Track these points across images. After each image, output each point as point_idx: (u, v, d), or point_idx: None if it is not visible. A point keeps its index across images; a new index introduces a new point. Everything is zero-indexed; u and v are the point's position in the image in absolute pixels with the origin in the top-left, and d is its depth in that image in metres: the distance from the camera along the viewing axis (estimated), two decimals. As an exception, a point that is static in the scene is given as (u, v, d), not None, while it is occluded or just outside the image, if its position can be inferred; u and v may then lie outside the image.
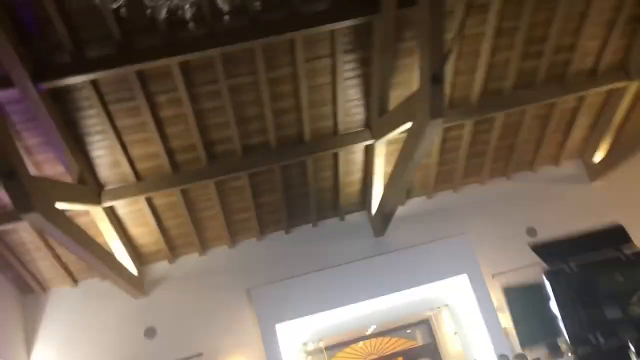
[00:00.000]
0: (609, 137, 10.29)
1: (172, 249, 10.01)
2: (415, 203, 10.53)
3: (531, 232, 10.62)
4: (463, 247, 9.67)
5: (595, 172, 10.81)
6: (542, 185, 10.87)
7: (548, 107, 9.61)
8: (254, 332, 9.67)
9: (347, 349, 11.04)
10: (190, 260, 10.22)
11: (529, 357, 8.20)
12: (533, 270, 10.01)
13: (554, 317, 4.65)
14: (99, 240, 8.57)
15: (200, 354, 9.56)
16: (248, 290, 9.81)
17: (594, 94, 9.57)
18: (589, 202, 10.70)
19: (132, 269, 9.56)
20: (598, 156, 10.64)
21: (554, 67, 8.93)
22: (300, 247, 10.25)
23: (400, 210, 9.72)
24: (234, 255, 10.27)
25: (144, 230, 9.44)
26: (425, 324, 10.99)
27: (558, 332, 4.70)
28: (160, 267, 10.16)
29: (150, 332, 9.84)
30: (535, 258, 10.24)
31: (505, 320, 9.65)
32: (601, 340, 4.87)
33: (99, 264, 8.05)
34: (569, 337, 4.29)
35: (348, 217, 10.46)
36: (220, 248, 10.28)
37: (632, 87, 9.41)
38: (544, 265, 9.90)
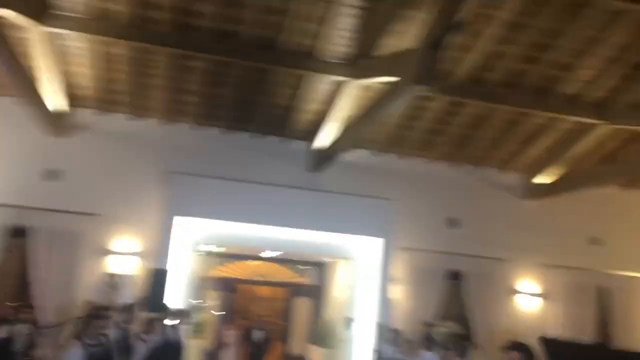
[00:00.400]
0: (559, 166, 10.44)
1: (104, 102, 9.39)
2: (359, 154, 10.36)
3: (452, 222, 10.80)
4: (387, 212, 9.65)
5: (532, 192, 11.02)
6: (479, 184, 10.99)
7: (520, 115, 9.54)
8: (155, 215, 9.35)
9: (239, 263, 11.01)
10: (116, 119, 9.65)
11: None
12: (438, 258, 10.32)
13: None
14: (26, 63, 7.81)
15: (98, 214, 9.17)
16: (164, 172, 9.40)
17: (564, 120, 9.56)
18: (516, 216, 10.97)
19: (53, 105, 8.88)
20: (540, 179, 10.82)
21: (543, 79, 8.77)
22: (232, 152, 9.90)
23: (342, 156, 9.50)
24: (164, 133, 9.78)
25: (80, 71, 8.73)
26: (320, 267, 11.08)
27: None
28: (85, 114, 9.53)
29: (52, 175, 9.30)
30: (444, 248, 10.55)
31: (396, 293, 9.88)
32: None
33: (20, 86, 7.34)
34: None
35: (290, 142, 10.16)
36: (152, 120, 9.75)
37: (600, 129, 9.47)
38: (447, 260, 10.22)
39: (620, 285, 11.04)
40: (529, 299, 10.81)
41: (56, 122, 9.15)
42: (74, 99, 9.24)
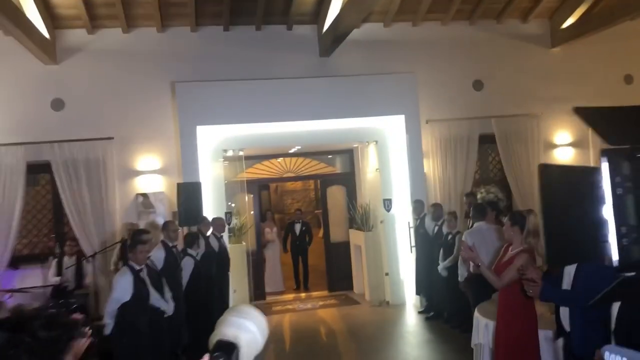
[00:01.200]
0: (584, 4, 9.67)
1: (93, 18, 8.82)
2: (370, 29, 9.74)
3: (477, 85, 10.31)
4: (407, 86, 9.19)
5: (559, 38, 10.37)
6: (503, 39, 10.35)
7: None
8: (171, 128, 9.10)
9: (266, 162, 10.82)
10: (112, 35, 9.11)
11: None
12: (468, 124, 9.96)
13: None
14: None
15: (110, 138, 8.95)
16: (172, 82, 9.00)
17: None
18: (543, 67, 10.41)
19: (43, 30, 8.37)
20: (567, 22, 10.11)
21: None
22: (237, 49, 9.36)
23: (353, 34, 8.90)
24: (163, 40, 9.25)
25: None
26: (348, 154, 10.84)
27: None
28: (77, 35, 9.02)
29: (58, 104, 9.00)
30: (473, 113, 10.16)
31: (430, 167, 9.67)
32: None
33: (8, 17, 6.82)
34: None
35: (296, 27, 9.55)
36: (148, 30, 9.19)
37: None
38: (478, 124, 9.84)
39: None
40: (567, 151, 10.52)
41: (51, 49, 8.69)
42: (62, 19, 8.70)
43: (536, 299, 3.81)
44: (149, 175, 9.15)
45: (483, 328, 4.85)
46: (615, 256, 1.67)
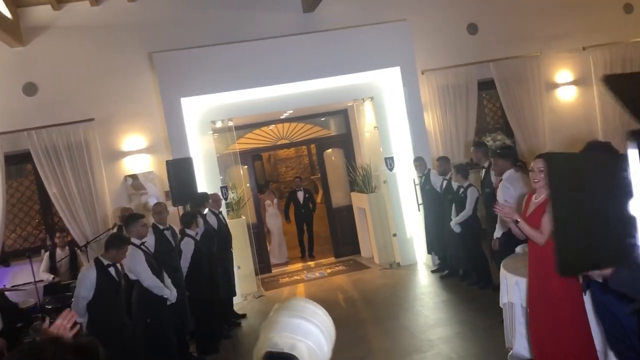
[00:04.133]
0: None
1: (57, -8, 8.17)
2: (355, -23, 9.13)
3: (472, 28, 9.79)
4: (401, 35, 8.63)
5: (554, -29, 9.79)
6: (493, -21, 9.77)
7: None
8: (154, 103, 8.56)
9: (258, 131, 10.32)
10: (80, 9, 8.50)
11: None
12: (466, 71, 9.47)
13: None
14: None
15: (91, 119, 8.42)
16: (150, 54, 8.43)
17: None
18: (538, 2, 9.87)
19: (4, 10, 7.75)
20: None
21: None
22: (215, 12, 8.77)
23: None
24: (135, 10, 8.63)
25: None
26: (343, 114, 10.35)
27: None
28: (42, 12, 8.40)
29: (30, 89, 8.44)
30: (470, 59, 9.64)
31: (429, 120, 9.21)
32: None
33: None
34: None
35: (276, -17, 8.94)
36: (118, 0, 8.55)
37: None
38: (476, 70, 9.33)
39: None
40: (569, 90, 10.07)
41: (15, 30, 8.08)
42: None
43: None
44: (136, 155, 8.67)
45: (513, 286, 4.47)
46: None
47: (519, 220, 3.70)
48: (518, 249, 5.17)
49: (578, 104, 10.11)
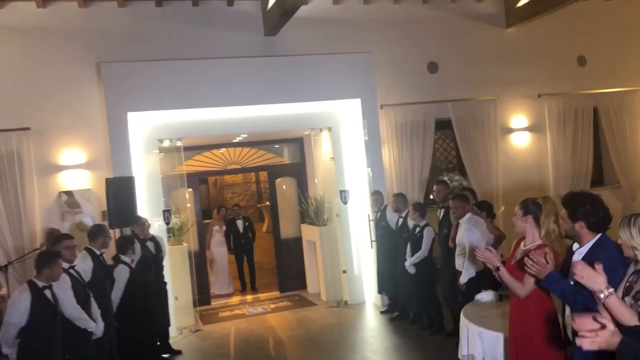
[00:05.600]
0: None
1: (0, -11, 7.58)
2: (319, 5, 8.97)
3: (432, 67, 9.74)
4: (363, 67, 8.45)
5: (514, 17, 9.94)
6: (457, 19, 9.81)
7: None
8: (98, 116, 7.99)
9: (207, 153, 9.85)
10: (24, 9, 7.92)
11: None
12: (424, 109, 9.37)
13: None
14: None
15: (26, 129, 7.76)
16: (98, 64, 7.90)
17: None
18: (499, 48, 10.00)
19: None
20: (522, 0, 9.67)
21: None
22: (172, 26, 8.36)
23: (301, 11, 8.04)
24: (86, 17, 8.11)
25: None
26: (298, 143, 10.02)
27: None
28: (-19, 10, 7.73)
29: (-40, 91, 7.71)
30: (428, 97, 9.57)
31: (385, 155, 9.00)
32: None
33: None
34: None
35: (237, 3, 8.63)
36: (67, 4, 8.02)
37: None
38: (434, 109, 9.28)
39: (611, 103, 10.42)
40: (523, 135, 10.13)
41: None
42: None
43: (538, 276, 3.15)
44: (74, 170, 8.03)
45: (475, 337, 4.18)
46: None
47: (499, 267, 3.42)
48: (480, 296, 4.91)
49: (531, 149, 10.18)
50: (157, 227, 7.60)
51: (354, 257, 8.65)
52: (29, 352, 4.24)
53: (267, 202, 17.26)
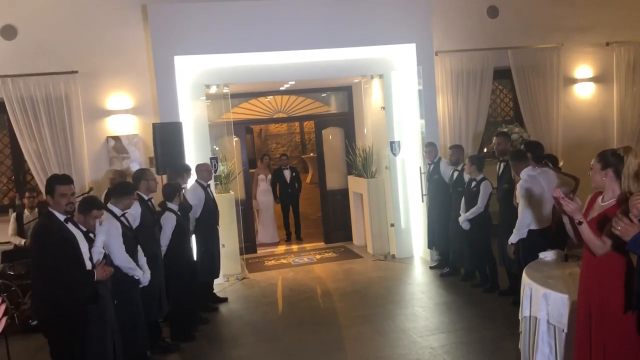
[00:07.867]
0: None
1: None
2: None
3: (492, 11, 9.15)
4: (418, 10, 7.94)
5: (584, -42, 9.17)
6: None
7: None
8: (144, 60, 7.86)
9: (254, 101, 9.63)
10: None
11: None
12: (482, 56, 8.86)
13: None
14: None
15: (74, 72, 7.69)
16: (144, 6, 7.68)
17: None
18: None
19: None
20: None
21: None
22: (220, -34, 8.00)
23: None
24: (132, -45, 7.84)
25: None
26: (346, 91, 9.67)
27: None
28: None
29: (8, 31, 7.69)
30: (487, 43, 9.02)
31: (439, 105, 8.59)
32: None
33: None
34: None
35: (288, -60, 8.17)
36: (113, -59, 7.77)
37: None
38: (492, 56, 8.73)
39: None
40: (588, 86, 9.50)
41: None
42: None
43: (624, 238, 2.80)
44: (121, 115, 7.98)
45: (539, 298, 3.90)
46: None
47: (582, 221, 3.08)
48: (544, 254, 4.60)
49: (596, 102, 9.56)
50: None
51: (401, 210, 8.39)
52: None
53: (312, 154, 17.13)
